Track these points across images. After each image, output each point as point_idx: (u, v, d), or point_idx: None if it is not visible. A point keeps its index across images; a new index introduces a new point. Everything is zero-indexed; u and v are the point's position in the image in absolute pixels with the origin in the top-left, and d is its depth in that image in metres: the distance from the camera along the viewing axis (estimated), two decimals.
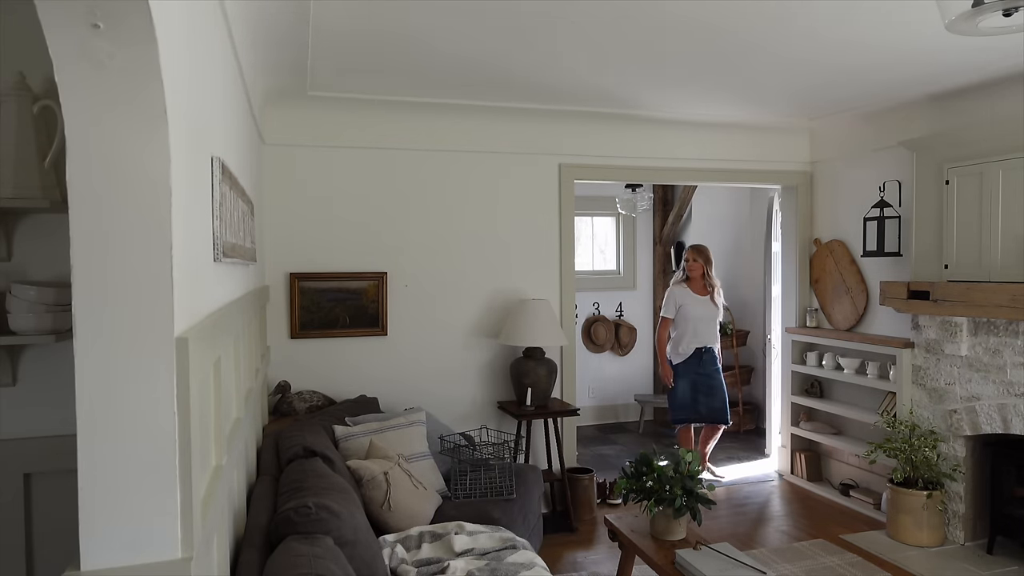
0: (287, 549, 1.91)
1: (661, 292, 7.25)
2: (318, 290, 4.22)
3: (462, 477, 3.52)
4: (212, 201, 1.80)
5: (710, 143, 5.05)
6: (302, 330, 4.20)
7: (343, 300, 4.27)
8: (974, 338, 3.94)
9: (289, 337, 4.20)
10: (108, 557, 1.20)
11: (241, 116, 2.87)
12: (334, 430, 3.47)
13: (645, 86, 4.00)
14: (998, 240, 3.78)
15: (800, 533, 4.31)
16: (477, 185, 4.58)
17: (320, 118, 4.21)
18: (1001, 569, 3.73)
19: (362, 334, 4.32)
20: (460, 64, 3.49)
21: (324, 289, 4.23)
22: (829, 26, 3.00)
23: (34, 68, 2.19)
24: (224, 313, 1.93)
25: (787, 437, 5.37)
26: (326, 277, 4.24)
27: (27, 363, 2.39)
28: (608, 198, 6.79)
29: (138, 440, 1.22)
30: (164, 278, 1.23)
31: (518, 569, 2.68)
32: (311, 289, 4.21)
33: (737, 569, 2.68)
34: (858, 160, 4.90)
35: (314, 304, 4.21)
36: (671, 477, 2.98)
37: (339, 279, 4.26)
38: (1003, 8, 1.87)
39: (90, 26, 1.12)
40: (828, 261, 5.10)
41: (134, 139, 1.20)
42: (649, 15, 2.85)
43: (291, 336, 4.20)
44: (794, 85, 4.02)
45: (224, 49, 2.27)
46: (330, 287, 4.25)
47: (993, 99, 3.90)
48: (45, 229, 2.37)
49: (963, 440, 4.01)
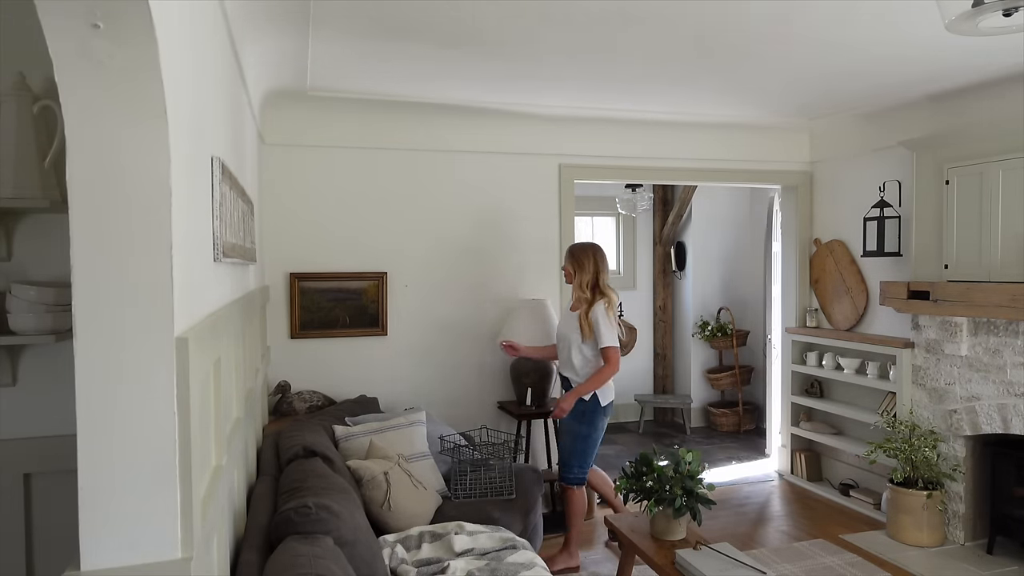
0: (287, 549, 1.91)
1: (661, 292, 7.27)
2: (318, 290, 4.22)
3: (462, 477, 3.52)
4: (212, 201, 1.80)
5: (710, 143, 5.05)
6: (302, 330, 4.20)
7: (343, 300, 4.27)
8: (974, 338, 3.94)
9: (289, 337, 4.20)
10: (108, 557, 1.20)
11: (241, 116, 2.87)
12: (334, 430, 3.47)
13: (645, 86, 4.00)
14: (998, 240, 3.78)
15: (800, 533, 4.31)
16: (477, 185, 4.58)
17: (320, 118, 4.21)
18: (1001, 569, 3.73)
19: (362, 334, 4.32)
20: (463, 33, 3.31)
21: (324, 289, 4.23)
22: (829, 26, 3.00)
23: (34, 68, 2.19)
24: (224, 313, 1.93)
25: (787, 437, 5.37)
26: (326, 277, 4.24)
27: (27, 363, 2.39)
28: (608, 198, 6.79)
29: (138, 440, 1.22)
30: (164, 278, 1.23)
31: (518, 569, 2.68)
32: (311, 289, 4.21)
33: (737, 569, 2.68)
34: (858, 160, 4.90)
35: (314, 304, 4.21)
36: (671, 477, 2.98)
37: (339, 279, 4.26)
38: (1003, 8, 1.87)
39: (90, 26, 1.12)
40: (828, 261, 5.10)
41: (134, 139, 1.20)
42: (649, 15, 2.85)
43: (291, 336, 4.20)
44: (794, 85, 4.02)
45: (224, 49, 2.27)
46: (330, 287, 4.25)
47: (993, 99, 3.90)
48: (45, 229, 2.37)
49: (963, 440, 4.01)
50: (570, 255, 3.92)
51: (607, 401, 3.75)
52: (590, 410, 3.72)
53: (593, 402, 3.71)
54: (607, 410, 3.77)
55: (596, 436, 3.78)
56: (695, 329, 6.94)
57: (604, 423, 3.81)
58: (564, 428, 3.83)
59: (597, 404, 3.72)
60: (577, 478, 3.77)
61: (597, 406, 3.72)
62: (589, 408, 3.71)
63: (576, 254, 3.89)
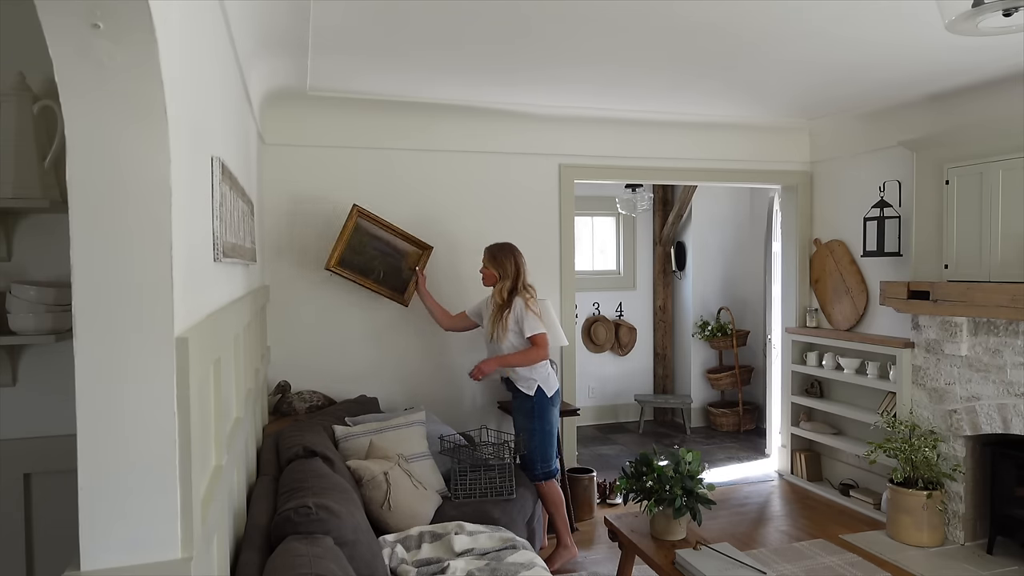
0: (287, 549, 1.91)
1: (661, 292, 7.27)
2: (372, 235, 4.17)
3: (462, 477, 3.52)
4: (212, 201, 1.80)
5: (710, 143, 5.05)
6: (341, 265, 4.07)
7: (387, 255, 4.23)
8: (974, 338, 3.94)
9: (324, 267, 4.07)
10: (108, 557, 1.20)
11: (241, 116, 2.87)
12: (334, 430, 3.47)
13: (645, 86, 4.00)
14: (998, 240, 3.78)
15: (800, 533, 4.31)
16: (477, 185, 4.58)
17: (320, 118, 4.21)
18: (1001, 569, 3.73)
19: (388, 295, 4.26)
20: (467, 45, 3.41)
21: (377, 236, 4.18)
22: (829, 26, 3.00)
23: (34, 68, 2.19)
24: (224, 313, 1.93)
25: (787, 437, 5.37)
26: (385, 226, 4.20)
27: (27, 363, 2.39)
28: (608, 198, 6.79)
29: (138, 440, 1.22)
30: (164, 278, 1.23)
31: (518, 569, 2.68)
32: (366, 231, 4.15)
33: (737, 569, 2.68)
34: (858, 160, 4.90)
35: (361, 245, 4.14)
36: (671, 477, 2.98)
37: (394, 233, 4.23)
38: (1003, 8, 1.87)
39: (90, 26, 1.12)
40: (828, 261, 5.10)
41: (134, 139, 1.20)
42: (650, 15, 2.85)
43: (327, 266, 4.04)
44: (794, 85, 4.02)
45: (224, 49, 2.27)
46: (382, 237, 4.20)
47: (993, 99, 3.90)
48: (45, 229, 2.37)
49: (963, 440, 4.01)
50: (489, 255, 3.75)
51: (552, 391, 3.71)
52: (538, 405, 3.68)
53: (539, 396, 3.67)
54: (555, 400, 3.74)
55: (551, 428, 3.74)
56: (695, 329, 6.94)
57: (555, 413, 3.76)
58: (519, 428, 3.76)
59: (543, 396, 3.68)
60: (544, 472, 3.72)
61: (544, 399, 3.68)
62: (536, 403, 3.68)
63: (497, 256, 3.72)
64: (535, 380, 3.68)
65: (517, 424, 3.80)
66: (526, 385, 3.69)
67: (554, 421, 3.77)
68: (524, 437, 3.72)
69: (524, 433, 3.73)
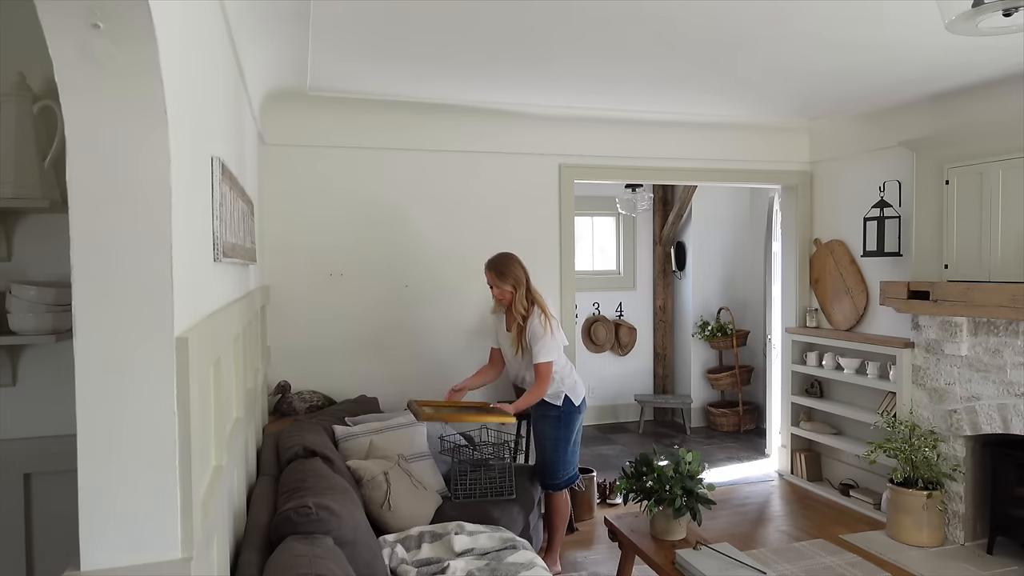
0: (287, 549, 1.91)
1: (661, 292, 7.27)
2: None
3: (462, 477, 3.52)
4: (212, 201, 1.80)
5: (710, 143, 5.05)
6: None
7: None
8: (974, 338, 3.94)
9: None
10: (108, 557, 1.20)
11: (241, 116, 2.87)
12: (334, 430, 3.47)
13: (645, 86, 4.00)
14: (998, 240, 3.78)
15: (800, 533, 4.31)
16: (477, 185, 4.58)
17: (320, 118, 4.21)
18: (1001, 569, 3.73)
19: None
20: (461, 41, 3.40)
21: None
22: (829, 26, 3.00)
23: (34, 68, 2.19)
24: (224, 313, 1.93)
25: (787, 437, 5.37)
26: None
27: (27, 363, 2.39)
28: (608, 198, 6.79)
29: (138, 440, 1.22)
30: (164, 278, 1.23)
31: (518, 569, 2.68)
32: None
33: (737, 569, 2.68)
34: (858, 160, 4.90)
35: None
36: (671, 477, 2.98)
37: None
38: (1003, 8, 1.87)
39: (90, 26, 1.12)
40: (828, 261, 5.10)
41: (134, 139, 1.20)
42: (649, 15, 2.85)
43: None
44: (794, 85, 4.02)
45: (224, 49, 2.27)
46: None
47: (993, 99, 3.90)
48: (45, 229, 2.37)
49: (963, 440, 4.01)
50: (497, 273, 3.49)
51: (579, 399, 3.62)
52: (565, 413, 3.59)
53: (567, 404, 3.59)
54: (581, 407, 3.64)
55: (575, 437, 3.67)
56: (695, 329, 6.94)
57: (580, 420, 3.68)
58: (542, 437, 3.65)
59: (571, 405, 3.60)
60: (565, 482, 3.64)
61: (571, 407, 3.60)
62: (564, 412, 3.59)
63: (502, 270, 3.49)
64: (562, 391, 3.57)
65: (540, 432, 3.66)
66: (552, 396, 3.57)
67: (578, 428, 3.67)
68: (548, 447, 3.61)
69: (548, 442, 3.61)
